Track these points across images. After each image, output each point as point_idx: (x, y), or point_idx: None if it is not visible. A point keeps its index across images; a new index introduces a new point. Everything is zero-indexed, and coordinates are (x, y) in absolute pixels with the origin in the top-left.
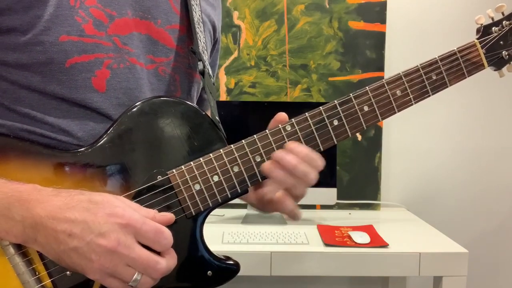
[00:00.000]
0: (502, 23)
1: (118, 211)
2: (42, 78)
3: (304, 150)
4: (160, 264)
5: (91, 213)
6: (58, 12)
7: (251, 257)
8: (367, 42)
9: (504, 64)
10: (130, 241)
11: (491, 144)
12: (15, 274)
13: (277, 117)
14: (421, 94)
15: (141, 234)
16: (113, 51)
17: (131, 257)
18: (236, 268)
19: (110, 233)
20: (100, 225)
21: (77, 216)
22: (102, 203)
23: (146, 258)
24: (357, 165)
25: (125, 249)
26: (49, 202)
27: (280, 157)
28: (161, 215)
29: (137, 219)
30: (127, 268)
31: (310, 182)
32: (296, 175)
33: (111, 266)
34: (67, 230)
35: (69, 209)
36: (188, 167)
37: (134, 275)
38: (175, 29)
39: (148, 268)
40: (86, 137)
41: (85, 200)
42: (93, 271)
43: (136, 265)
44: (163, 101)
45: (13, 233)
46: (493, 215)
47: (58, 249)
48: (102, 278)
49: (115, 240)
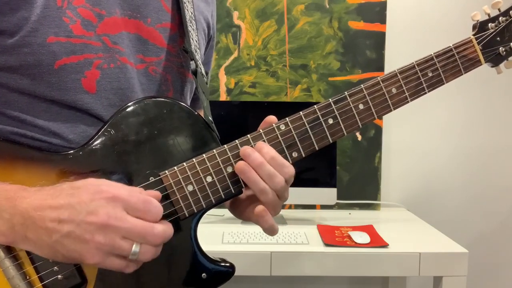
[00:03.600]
0: (498, 19)
1: (103, 188)
2: (31, 80)
3: (271, 152)
4: (156, 229)
5: (75, 197)
6: (45, 13)
7: (251, 257)
8: (367, 42)
9: (502, 61)
10: (120, 213)
11: (491, 144)
12: (5, 278)
13: (267, 120)
14: (417, 92)
15: (130, 205)
16: (103, 51)
17: (125, 227)
18: (231, 271)
19: (99, 209)
20: (87, 204)
21: (62, 203)
22: (85, 186)
23: (141, 225)
24: (357, 165)
25: (117, 221)
26: (34, 196)
27: (247, 154)
28: (148, 191)
29: (123, 192)
30: (124, 240)
31: (277, 187)
32: (261, 176)
33: (107, 242)
34: (55, 217)
35: (53, 198)
36: (180, 168)
37: (133, 247)
38: (166, 28)
39: (145, 234)
40: (77, 139)
41: (68, 187)
42: (91, 253)
43: (132, 235)
44: (155, 101)
45: (2, 232)
46: (493, 215)
47: (50, 240)
48: (101, 259)
49: (105, 214)
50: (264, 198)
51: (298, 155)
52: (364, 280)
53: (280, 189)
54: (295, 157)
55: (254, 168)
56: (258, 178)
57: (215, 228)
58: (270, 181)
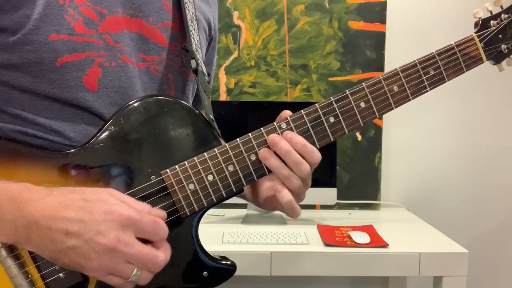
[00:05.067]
0: (500, 17)
1: (115, 209)
2: (33, 78)
3: (301, 140)
4: (159, 258)
5: (87, 212)
6: (47, 11)
7: (251, 257)
8: (367, 42)
9: (503, 58)
10: (130, 238)
11: (491, 144)
12: (7, 277)
13: (282, 115)
14: (418, 90)
15: (141, 229)
16: (104, 49)
17: (131, 253)
18: (232, 269)
19: (110, 231)
20: (98, 223)
21: (73, 215)
22: (98, 201)
23: (146, 254)
24: (357, 165)
25: (125, 246)
26: (42, 200)
27: (274, 142)
28: (155, 209)
29: (133, 213)
30: (127, 264)
31: (302, 174)
32: (288, 164)
33: (111, 264)
34: (63, 229)
35: (63, 208)
36: (182, 167)
37: (134, 271)
38: (168, 27)
39: (148, 263)
40: (78, 138)
41: (79, 198)
42: (92, 269)
43: (136, 261)
44: (157, 100)
45: (5, 233)
46: (493, 215)
47: (54, 248)
48: (101, 275)
49: (115, 238)
50: (289, 184)
51: None
52: (364, 280)
53: (306, 176)
54: None
55: (282, 155)
56: (282, 164)
57: (215, 228)
58: (297, 168)
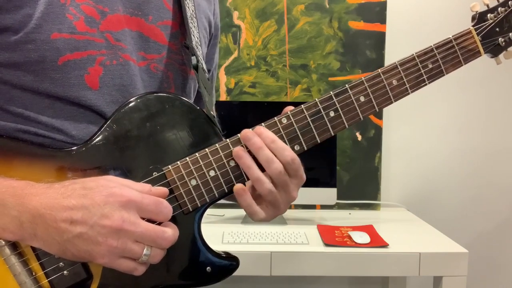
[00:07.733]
0: (497, 10)
1: (116, 191)
2: (35, 77)
3: (271, 135)
4: (167, 233)
5: (88, 198)
6: (49, 10)
7: (251, 257)
8: (367, 42)
9: (501, 51)
10: (134, 217)
11: (491, 144)
12: (12, 275)
13: (285, 110)
14: (417, 83)
15: (143, 208)
16: (106, 47)
17: (138, 231)
18: (235, 264)
19: (113, 213)
20: (101, 207)
21: (75, 203)
22: (97, 187)
23: (153, 230)
24: (357, 165)
25: (131, 225)
26: (44, 194)
27: (247, 137)
28: (156, 188)
29: (136, 195)
30: (135, 244)
31: (274, 174)
32: (260, 161)
33: (119, 245)
34: (67, 218)
35: (65, 198)
36: (183, 162)
37: (144, 250)
38: (167, 25)
39: (157, 238)
40: (80, 135)
41: (79, 187)
42: (102, 254)
43: (144, 239)
44: (157, 96)
45: (10, 229)
46: (493, 215)
47: (61, 239)
48: (111, 260)
49: (120, 219)
50: (259, 187)
51: (300, 148)
52: (364, 280)
53: (277, 176)
54: (297, 150)
55: (253, 152)
56: (254, 165)
57: (215, 228)
58: (268, 167)
